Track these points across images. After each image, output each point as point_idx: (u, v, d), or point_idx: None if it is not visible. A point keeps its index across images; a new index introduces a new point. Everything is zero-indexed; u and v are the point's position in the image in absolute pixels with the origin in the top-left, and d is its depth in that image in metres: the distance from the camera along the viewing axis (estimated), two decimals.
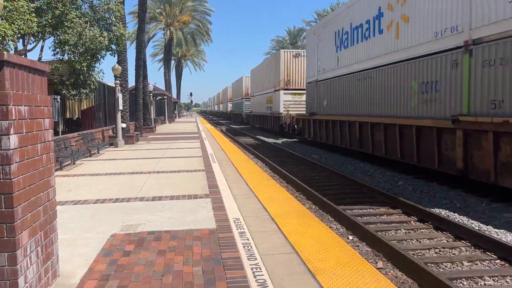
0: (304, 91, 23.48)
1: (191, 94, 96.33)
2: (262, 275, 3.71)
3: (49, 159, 3.48)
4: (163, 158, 12.61)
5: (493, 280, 5.06)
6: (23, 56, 11.66)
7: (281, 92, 27.21)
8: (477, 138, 9.11)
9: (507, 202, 8.60)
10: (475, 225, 7.31)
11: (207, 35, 54.91)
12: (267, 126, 31.91)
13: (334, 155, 17.46)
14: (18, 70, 2.96)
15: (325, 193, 9.66)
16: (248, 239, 4.68)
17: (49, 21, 12.71)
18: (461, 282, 5.00)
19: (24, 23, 11.16)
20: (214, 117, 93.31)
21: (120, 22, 16.01)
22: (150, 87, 29.58)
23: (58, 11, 12.67)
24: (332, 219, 7.85)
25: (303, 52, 26.02)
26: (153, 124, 28.71)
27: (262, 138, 27.08)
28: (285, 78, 27.18)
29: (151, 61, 74.78)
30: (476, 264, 5.57)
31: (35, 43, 13.76)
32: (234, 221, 5.46)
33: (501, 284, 4.98)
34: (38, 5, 12.66)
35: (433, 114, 10.75)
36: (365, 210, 8.48)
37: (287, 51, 28.05)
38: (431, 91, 10.88)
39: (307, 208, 7.71)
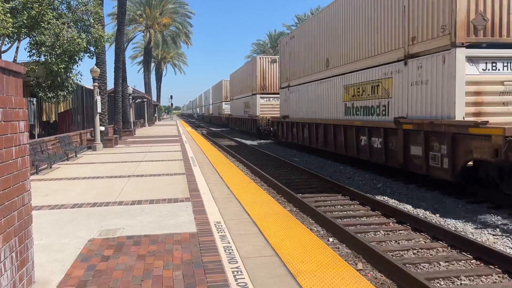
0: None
1: (171, 97, 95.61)
2: (243, 278, 3.70)
3: (24, 162, 3.39)
4: (143, 162, 12.46)
5: (469, 279, 5.18)
6: None
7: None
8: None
9: (482, 203, 8.82)
10: (451, 226, 7.47)
11: (187, 37, 54.67)
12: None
13: (314, 157, 17.58)
14: None
15: (305, 196, 9.71)
16: (229, 243, 4.67)
17: (25, 21, 12.42)
18: (438, 282, 5.09)
19: None
20: (195, 120, 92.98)
21: (99, 24, 15.77)
22: (130, 90, 29.23)
23: (34, 12, 12.40)
24: (313, 221, 7.90)
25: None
26: (132, 127, 28.35)
27: (240, 140, 27.69)
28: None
29: (130, 63, 74.11)
30: (453, 264, 5.68)
31: (10, 44, 13.43)
32: (215, 224, 5.43)
33: (476, 284, 5.10)
34: (14, 5, 12.37)
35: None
36: (345, 212, 8.56)
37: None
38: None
39: (288, 210, 7.73)
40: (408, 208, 8.74)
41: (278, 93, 25.53)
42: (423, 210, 8.59)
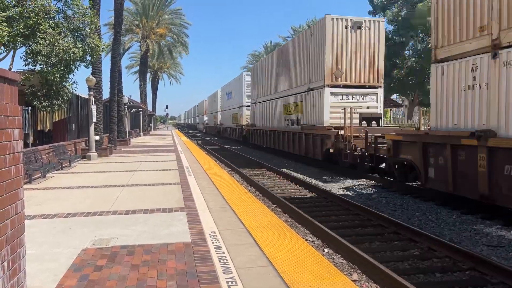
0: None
1: (167, 106, 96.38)
2: None
3: (18, 170, 3.36)
4: (138, 171, 12.41)
5: None
6: None
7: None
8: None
9: (476, 214, 8.85)
10: (446, 236, 7.47)
11: (184, 48, 54.87)
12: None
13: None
14: None
15: (300, 206, 9.69)
16: (224, 253, 4.64)
17: (21, 30, 12.42)
18: None
19: None
20: (188, 129, 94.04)
21: (95, 33, 15.80)
22: (125, 99, 29.22)
23: (30, 21, 12.41)
24: (308, 231, 7.87)
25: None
26: (127, 137, 28.27)
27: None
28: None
29: (126, 73, 73.59)
30: (448, 275, 5.67)
31: (6, 53, 13.40)
32: (209, 234, 5.40)
33: None
34: (10, 14, 12.38)
35: None
36: (340, 223, 8.53)
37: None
38: None
39: (283, 221, 7.70)
40: (403, 218, 8.74)
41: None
42: (418, 221, 8.59)
